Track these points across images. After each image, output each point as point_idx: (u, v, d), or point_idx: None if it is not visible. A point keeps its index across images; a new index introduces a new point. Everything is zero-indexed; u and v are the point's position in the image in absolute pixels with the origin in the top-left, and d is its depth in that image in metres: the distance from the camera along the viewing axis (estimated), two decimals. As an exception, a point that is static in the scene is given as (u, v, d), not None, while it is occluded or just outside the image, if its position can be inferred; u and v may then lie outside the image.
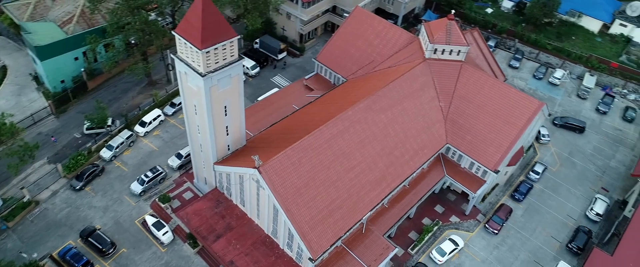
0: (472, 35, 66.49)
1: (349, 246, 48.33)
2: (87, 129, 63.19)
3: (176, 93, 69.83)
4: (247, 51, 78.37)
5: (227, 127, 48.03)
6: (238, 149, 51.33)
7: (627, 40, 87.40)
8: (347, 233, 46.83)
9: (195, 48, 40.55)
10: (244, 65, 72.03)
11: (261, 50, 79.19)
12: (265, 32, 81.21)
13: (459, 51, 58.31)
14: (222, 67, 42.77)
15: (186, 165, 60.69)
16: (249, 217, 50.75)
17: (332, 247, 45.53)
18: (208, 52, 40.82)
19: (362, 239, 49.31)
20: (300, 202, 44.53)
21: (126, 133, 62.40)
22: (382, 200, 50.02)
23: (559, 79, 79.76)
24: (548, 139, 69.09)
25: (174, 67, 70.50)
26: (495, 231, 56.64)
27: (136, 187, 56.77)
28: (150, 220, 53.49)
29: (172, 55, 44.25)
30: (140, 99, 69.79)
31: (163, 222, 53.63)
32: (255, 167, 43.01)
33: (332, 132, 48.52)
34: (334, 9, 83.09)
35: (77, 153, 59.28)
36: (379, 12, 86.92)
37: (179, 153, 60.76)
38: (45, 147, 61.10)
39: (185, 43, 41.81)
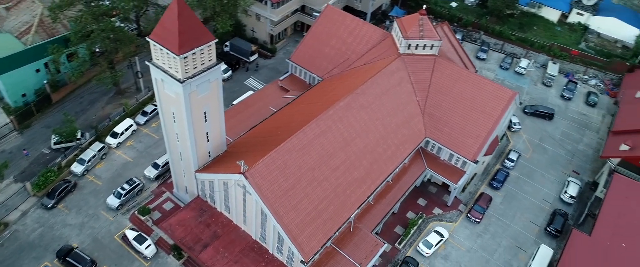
0: (442, 29, 67.68)
1: (338, 246, 48.20)
2: (54, 143, 60.27)
3: (147, 101, 67.72)
4: (216, 55, 76.75)
5: (207, 133, 46.84)
6: (219, 155, 50.18)
7: (585, 28, 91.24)
8: (337, 233, 46.68)
9: (173, 54, 39.26)
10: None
11: (232, 53, 77.90)
12: (235, 35, 79.91)
13: (432, 46, 59.18)
14: (201, 72, 41.66)
15: (164, 174, 58.90)
16: (235, 224, 49.75)
17: (323, 248, 45.25)
18: (186, 57, 39.63)
19: (351, 237, 49.26)
20: (288, 205, 44.00)
21: (98, 145, 59.93)
22: (368, 197, 50.14)
23: (525, 68, 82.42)
24: (519, 127, 71.21)
25: (143, 75, 68.30)
26: (478, 220, 57.89)
27: (113, 201, 54.61)
28: (131, 234, 51.58)
29: (146, 62, 42.72)
30: (110, 109, 67.20)
31: (144, 235, 51.82)
32: (241, 173, 42.17)
33: (315, 133, 48.18)
34: (302, 9, 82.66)
35: (47, 169, 56.46)
36: (347, 9, 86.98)
37: (155, 163, 58.86)
38: (11, 165, 57.79)
39: (161, 49, 40.43)
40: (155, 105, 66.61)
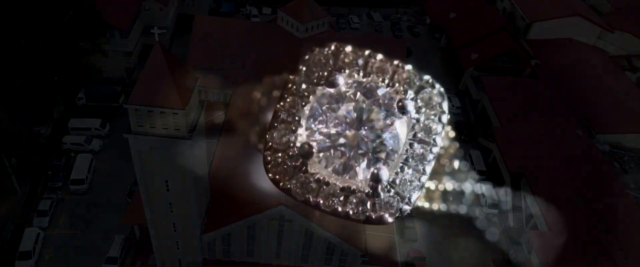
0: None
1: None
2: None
3: (33, 200, 51.89)
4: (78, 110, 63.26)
5: (200, 186, 40.72)
6: (209, 203, 44.15)
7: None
8: (364, 216, 47.80)
9: (175, 110, 32.68)
10: (91, 128, 59.87)
11: (91, 103, 64.77)
12: (80, 84, 66.22)
13: (324, 23, 62.21)
14: (199, 117, 35.87)
15: (124, 262, 48.05)
16: (263, 264, 45.35)
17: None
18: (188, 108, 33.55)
19: (365, 216, 50.92)
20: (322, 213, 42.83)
21: (15, 279, 44.44)
22: (360, 175, 52.11)
23: (358, 23, 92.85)
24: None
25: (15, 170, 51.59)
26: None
27: (91, 327, 42.49)
28: None
29: (125, 135, 34.02)
30: (-17, 232, 49.30)
31: None
32: (281, 204, 38.96)
33: (300, 137, 46.86)
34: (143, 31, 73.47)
35: None
36: (183, 17, 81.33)
37: (109, 257, 47.24)
38: None
39: (149, 112, 32.94)
40: (51, 198, 52.30)
